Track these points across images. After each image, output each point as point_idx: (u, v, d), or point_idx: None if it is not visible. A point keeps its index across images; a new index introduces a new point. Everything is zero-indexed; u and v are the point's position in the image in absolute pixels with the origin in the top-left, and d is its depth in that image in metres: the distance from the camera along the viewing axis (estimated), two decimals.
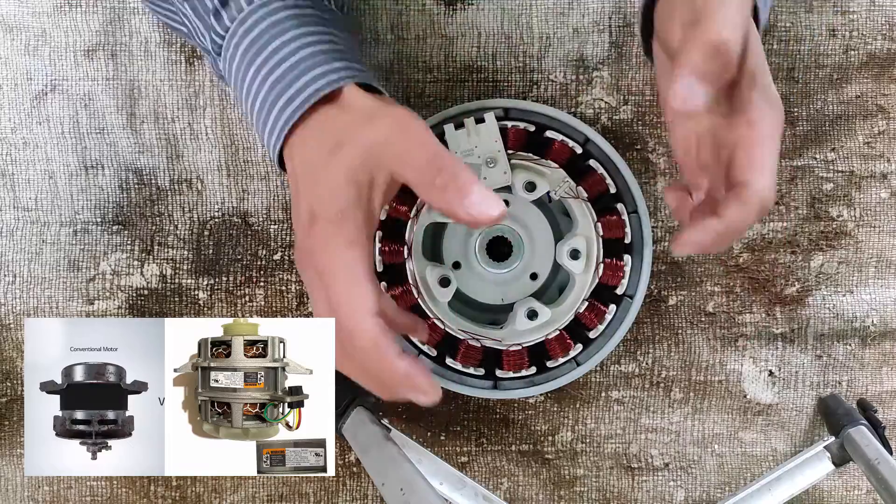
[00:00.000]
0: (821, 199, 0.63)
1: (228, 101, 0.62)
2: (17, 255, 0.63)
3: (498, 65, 0.62)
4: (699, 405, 0.65)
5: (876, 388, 0.65)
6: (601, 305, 0.59)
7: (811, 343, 0.65)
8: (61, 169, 0.63)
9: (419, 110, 0.62)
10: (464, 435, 0.65)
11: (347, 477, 0.66)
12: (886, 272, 0.64)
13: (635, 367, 0.65)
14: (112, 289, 0.64)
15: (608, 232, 0.59)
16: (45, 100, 0.62)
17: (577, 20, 0.61)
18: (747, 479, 0.66)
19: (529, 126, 0.59)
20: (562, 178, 0.58)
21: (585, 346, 0.60)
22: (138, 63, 0.62)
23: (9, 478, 0.65)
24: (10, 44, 0.62)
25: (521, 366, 0.60)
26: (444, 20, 0.61)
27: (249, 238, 0.63)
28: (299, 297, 0.64)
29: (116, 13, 0.61)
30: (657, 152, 0.63)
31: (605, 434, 0.65)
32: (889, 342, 0.65)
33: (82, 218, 0.63)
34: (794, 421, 0.66)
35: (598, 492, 0.66)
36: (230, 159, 0.63)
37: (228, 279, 0.64)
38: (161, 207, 0.63)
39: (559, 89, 0.62)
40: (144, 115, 0.62)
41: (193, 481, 0.65)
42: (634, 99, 0.62)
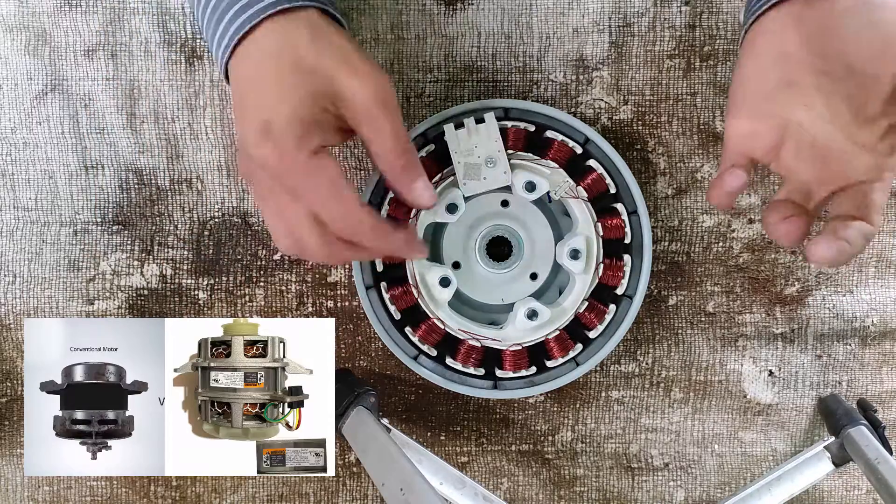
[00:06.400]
0: None
1: (228, 100, 0.62)
2: (17, 255, 0.63)
3: (498, 65, 0.62)
4: (699, 405, 0.65)
5: (876, 388, 0.65)
6: (601, 305, 0.59)
7: (811, 343, 0.65)
8: (61, 169, 0.63)
9: (419, 110, 0.62)
10: (464, 435, 0.65)
11: (347, 477, 0.66)
12: (886, 272, 0.64)
13: (635, 367, 0.65)
14: (112, 289, 0.64)
15: (608, 232, 0.59)
16: (45, 100, 0.62)
17: (577, 20, 0.61)
18: (747, 479, 0.66)
19: (529, 126, 0.59)
20: (562, 178, 0.58)
21: (585, 346, 0.60)
22: (138, 63, 0.62)
23: (9, 478, 0.65)
24: (10, 44, 0.62)
25: (521, 366, 0.60)
26: (444, 20, 0.61)
27: (249, 238, 0.63)
28: (299, 297, 0.64)
29: (116, 13, 0.61)
30: (657, 152, 0.63)
31: (605, 434, 0.66)
32: (889, 342, 0.65)
33: (82, 218, 0.63)
34: (794, 421, 0.66)
35: (598, 492, 0.66)
36: (230, 159, 0.63)
37: (228, 279, 0.64)
38: (161, 207, 0.63)
39: (559, 89, 0.62)
40: (144, 115, 0.62)
41: (193, 481, 0.65)
42: (634, 99, 0.62)
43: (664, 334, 0.64)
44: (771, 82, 0.44)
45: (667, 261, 0.64)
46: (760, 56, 0.45)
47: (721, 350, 0.65)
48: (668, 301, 0.64)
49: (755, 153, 0.46)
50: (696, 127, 0.62)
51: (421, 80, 0.62)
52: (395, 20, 0.61)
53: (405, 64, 0.62)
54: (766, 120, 0.45)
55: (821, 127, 0.44)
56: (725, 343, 0.65)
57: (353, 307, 0.64)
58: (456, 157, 0.57)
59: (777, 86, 0.44)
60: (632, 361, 0.65)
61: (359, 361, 0.64)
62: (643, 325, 0.64)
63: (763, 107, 0.45)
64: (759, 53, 0.45)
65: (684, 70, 0.62)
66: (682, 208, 0.63)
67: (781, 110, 0.44)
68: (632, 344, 0.64)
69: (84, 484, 0.65)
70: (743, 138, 0.46)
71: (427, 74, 0.62)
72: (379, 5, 0.61)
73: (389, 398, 0.65)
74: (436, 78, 0.62)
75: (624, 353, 0.65)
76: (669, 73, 0.62)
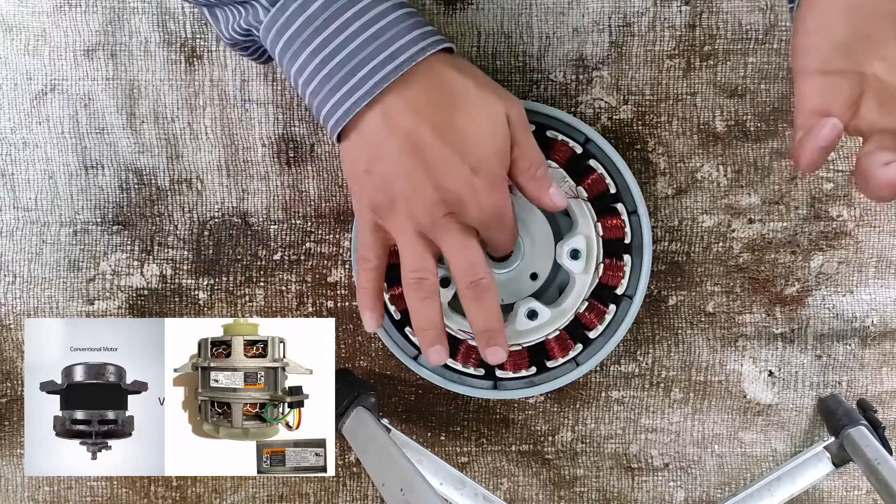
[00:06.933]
0: (821, 198, 0.63)
1: (228, 100, 0.62)
2: (17, 255, 0.63)
3: (498, 65, 0.62)
4: (699, 405, 0.65)
5: (876, 388, 0.65)
6: (601, 305, 0.59)
7: (811, 343, 0.65)
8: (61, 169, 0.63)
9: None
10: (464, 435, 0.65)
11: (347, 477, 0.66)
12: (886, 272, 0.64)
13: (635, 367, 0.65)
14: (112, 289, 0.64)
15: (608, 232, 0.59)
16: (44, 100, 0.62)
17: (576, 20, 0.61)
18: (747, 479, 0.66)
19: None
20: (562, 178, 0.58)
21: (585, 346, 0.60)
22: (138, 63, 0.62)
23: (9, 478, 0.65)
24: (10, 44, 0.62)
25: (521, 366, 0.60)
26: (444, 20, 0.61)
27: (249, 238, 0.63)
28: (299, 297, 0.64)
29: (116, 13, 0.61)
30: (657, 152, 0.63)
31: (605, 434, 0.65)
32: (889, 342, 0.65)
33: (82, 218, 0.63)
34: (794, 421, 0.66)
35: (598, 492, 0.66)
36: (230, 159, 0.63)
37: (228, 279, 0.64)
38: (161, 207, 0.63)
39: (559, 89, 0.62)
40: (144, 115, 0.62)
41: (193, 481, 0.65)
42: (634, 99, 0.62)
43: (664, 334, 0.64)
44: (841, 35, 0.42)
45: (667, 261, 0.64)
46: (825, 8, 0.43)
47: (721, 350, 0.65)
48: (668, 301, 0.64)
49: (833, 109, 0.43)
50: (696, 127, 0.62)
51: None
52: None
53: None
54: (842, 74, 0.43)
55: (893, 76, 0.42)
56: (725, 343, 0.65)
57: (353, 307, 0.64)
58: None
59: (848, 38, 0.42)
60: (632, 361, 0.65)
61: (359, 361, 0.64)
62: (643, 325, 0.64)
63: (836, 61, 0.43)
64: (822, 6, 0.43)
65: (684, 70, 0.62)
66: (682, 208, 0.63)
67: (856, 64, 0.42)
68: (632, 344, 0.64)
69: (84, 484, 0.65)
70: (818, 96, 0.43)
71: None
72: None
73: (389, 398, 0.65)
74: None
75: (624, 354, 0.65)
76: (669, 73, 0.62)
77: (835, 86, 0.43)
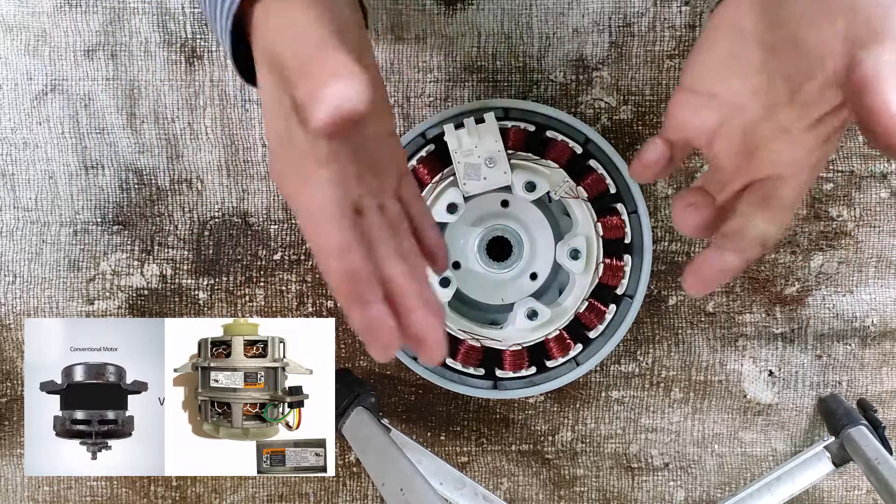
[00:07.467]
0: (821, 199, 0.63)
1: (228, 100, 0.62)
2: (17, 255, 0.63)
3: (498, 65, 0.62)
4: (699, 405, 0.65)
5: (876, 388, 0.65)
6: (601, 305, 0.59)
7: (811, 343, 0.65)
8: (61, 169, 0.63)
9: (419, 110, 0.62)
10: (464, 435, 0.65)
11: (347, 477, 0.66)
12: (886, 272, 0.64)
13: (635, 367, 0.65)
14: (112, 289, 0.64)
15: (608, 232, 0.59)
16: (45, 100, 0.62)
17: (577, 20, 0.61)
18: (747, 479, 0.66)
19: (529, 126, 0.59)
20: (562, 178, 0.58)
21: (585, 346, 0.60)
22: (138, 63, 0.62)
23: (9, 478, 0.65)
24: (10, 44, 0.62)
25: (521, 366, 0.60)
26: (443, 20, 0.61)
27: (249, 238, 0.63)
28: (299, 297, 0.64)
29: (116, 13, 0.61)
30: None
31: (605, 434, 0.65)
32: (889, 342, 0.65)
33: (82, 218, 0.63)
34: (794, 421, 0.66)
35: (598, 492, 0.66)
36: (230, 159, 0.63)
37: (228, 279, 0.64)
38: (161, 207, 0.63)
39: (559, 89, 0.62)
40: (144, 115, 0.62)
41: (193, 481, 0.65)
42: (634, 99, 0.62)
43: (664, 334, 0.64)
44: (719, 56, 0.42)
45: (667, 261, 0.64)
46: (717, 28, 0.42)
47: (721, 350, 0.65)
48: (668, 301, 0.64)
49: (689, 130, 0.42)
50: None
51: (421, 80, 0.62)
52: (395, 20, 0.61)
53: (405, 64, 0.62)
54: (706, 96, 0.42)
55: (754, 110, 0.41)
56: (725, 343, 0.65)
57: None
58: (456, 157, 0.57)
59: (723, 59, 0.41)
60: (632, 361, 0.65)
61: (359, 361, 0.64)
62: (643, 325, 0.64)
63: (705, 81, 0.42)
64: (716, 26, 0.42)
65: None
66: None
67: (721, 86, 0.41)
68: (632, 344, 0.64)
69: (84, 484, 0.65)
70: (682, 112, 0.43)
71: (427, 74, 0.62)
72: (379, 5, 0.61)
73: (389, 398, 0.65)
74: (436, 78, 0.62)
75: (624, 353, 0.65)
76: (669, 73, 0.62)
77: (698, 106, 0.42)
